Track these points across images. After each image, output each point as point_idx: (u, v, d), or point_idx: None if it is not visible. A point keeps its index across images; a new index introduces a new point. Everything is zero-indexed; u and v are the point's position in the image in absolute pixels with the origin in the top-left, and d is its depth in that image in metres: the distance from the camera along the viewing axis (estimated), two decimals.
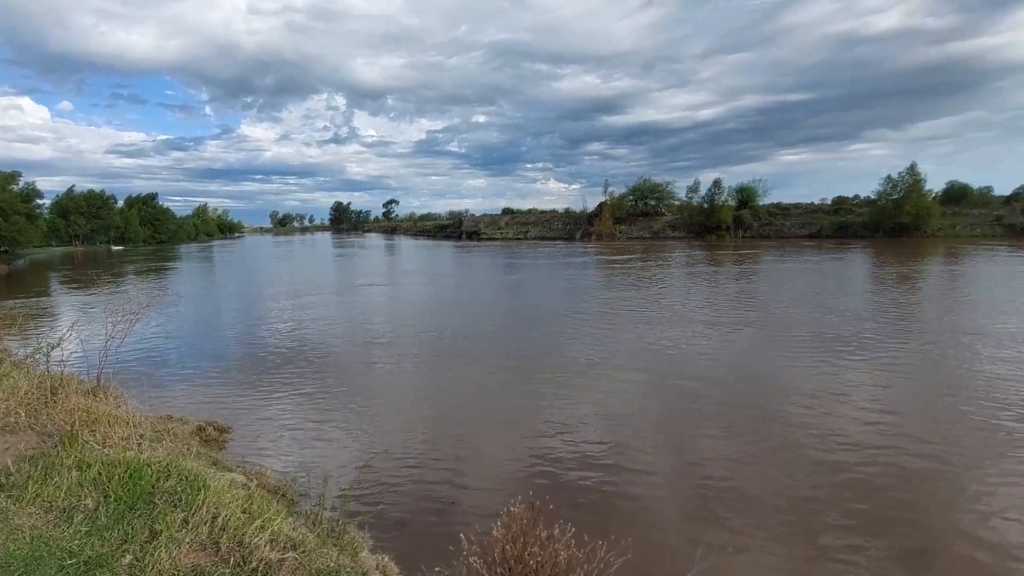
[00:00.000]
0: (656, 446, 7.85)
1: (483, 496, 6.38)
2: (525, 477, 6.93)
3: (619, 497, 6.44)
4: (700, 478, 6.87)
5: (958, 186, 56.96)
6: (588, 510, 6.12)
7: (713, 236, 56.37)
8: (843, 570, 5.08)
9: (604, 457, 7.46)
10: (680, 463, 7.32)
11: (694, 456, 7.48)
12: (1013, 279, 23.53)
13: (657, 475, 6.97)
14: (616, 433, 8.25)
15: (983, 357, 11.60)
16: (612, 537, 3.56)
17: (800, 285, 23.55)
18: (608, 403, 9.56)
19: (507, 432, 8.46)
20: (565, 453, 7.58)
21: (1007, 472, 6.75)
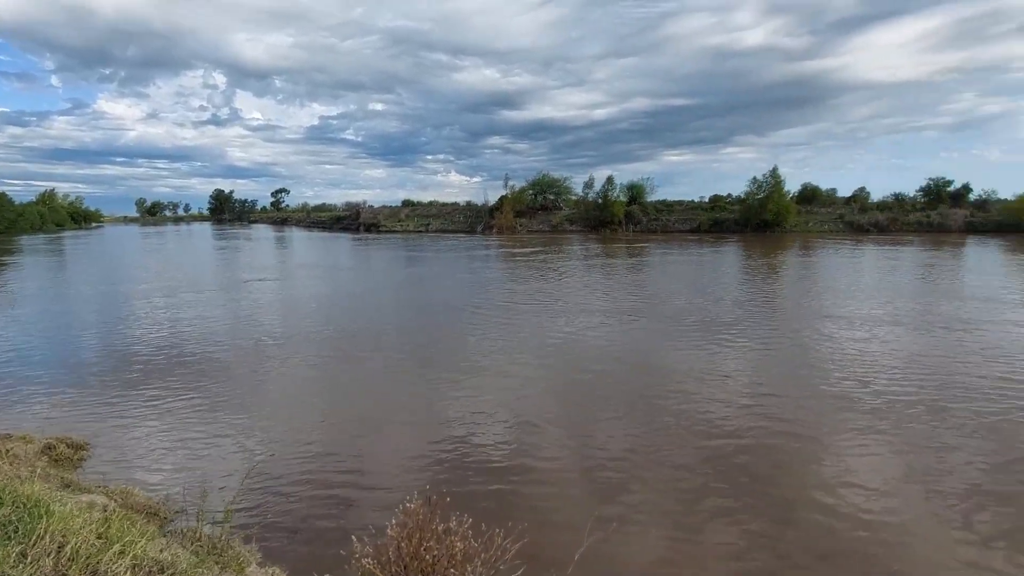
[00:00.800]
0: (556, 433, 8.14)
1: (383, 495, 6.22)
2: (426, 473, 6.87)
3: (519, 484, 6.60)
4: (596, 460, 7.24)
5: (810, 188, 65.08)
6: (488, 499, 6.21)
7: (607, 230, 59.35)
8: (718, 532, 5.61)
9: (505, 447, 7.60)
10: (578, 448, 7.65)
11: (591, 440, 7.86)
12: (856, 268, 27.33)
13: (556, 460, 7.23)
14: (517, 423, 8.43)
15: (838, 337, 13.36)
16: (509, 524, 3.64)
17: (686, 276, 25.60)
18: (510, 394, 9.73)
19: (408, 429, 8.33)
20: (467, 446, 7.62)
21: (854, 436, 7.84)
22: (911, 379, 10.07)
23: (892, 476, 6.70)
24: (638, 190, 64.22)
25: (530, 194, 69.90)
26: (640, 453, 7.38)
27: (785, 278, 24.94)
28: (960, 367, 10.69)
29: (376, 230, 69.80)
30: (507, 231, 61.46)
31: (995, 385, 9.59)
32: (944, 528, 5.64)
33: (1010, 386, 9.52)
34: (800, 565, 5.11)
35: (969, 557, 5.15)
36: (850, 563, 5.11)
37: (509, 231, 61.52)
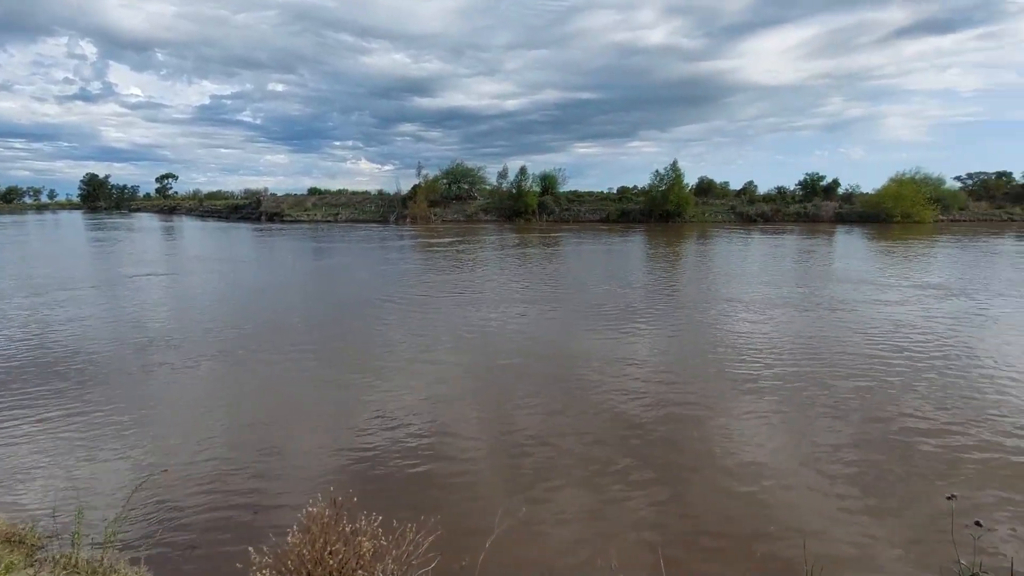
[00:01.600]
0: (472, 424, 8.23)
1: (292, 500, 5.99)
2: (338, 474, 6.69)
3: (434, 477, 6.63)
4: (513, 447, 7.42)
5: (706, 181, 70.05)
6: (403, 495, 6.18)
7: (521, 220, 60.21)
8: (631, 508, 5.99)
9: (422, 441, 7.57)
10: (494, 437, 7.79)
11: (508, 429, 8.02)
12: (749, 255, 29.86)
13: (472, 451, 7.33)
14: (433, 416, 8.42)
15: (737, 319, 14.58)
16: (422, 518, 3.68)
17: (599, 264, 26.64)
18: (426, 388, 9.69)
19: (318, 430, 8.04)
20: (381, 443, 7.50)
21: (750, 409, 8.64)
22: (799, 356, 11.27)
23: (781, 442, 7.50)
24: (551, 181, 65.66)
25: (444, 183, 69.16)
26: (556, 438, 7.67)
27: (688, 265, 26.78)
28: (839, 344, 12.09)
29: (280, 220, 65.81)
30: (422, 221, 60.49)
31: (867, 359, 10.96)
32: (821, 480, 6.41)
33: (879, 360, 10.92)
34: (709, 531, 5.59)
35: (841, 505, 5.92)
36: (750, 521, 5.70)
37: (424, 221, 60.58)
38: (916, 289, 18.67)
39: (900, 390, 9.26)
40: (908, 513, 5.78)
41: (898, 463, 6.86)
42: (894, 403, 8.70)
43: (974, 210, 58.15)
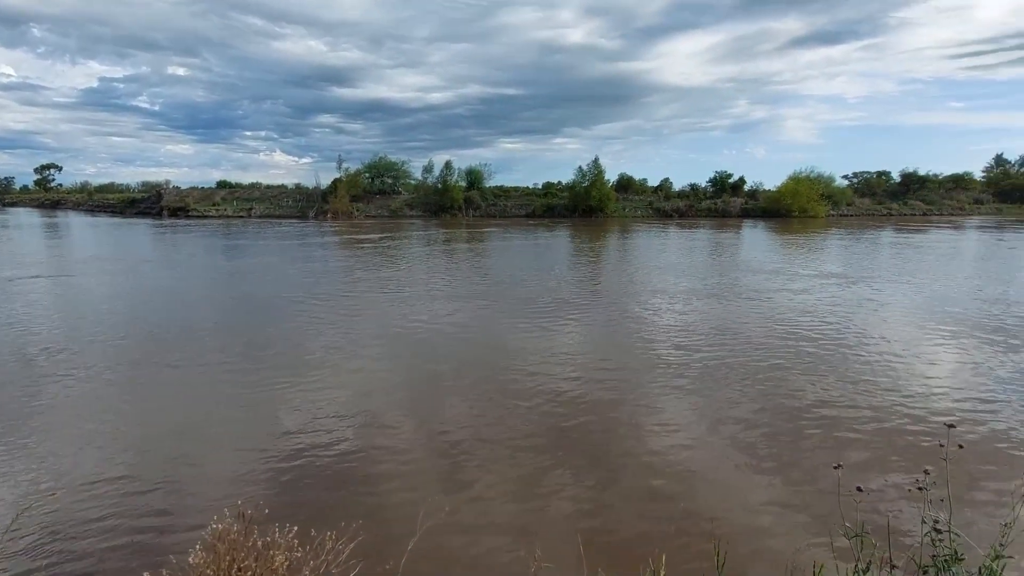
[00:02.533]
0: (399, 424, 8.06)
1: (203, 518, 5.59)
2: (257, 484, 6.33)
3: (360, 482, 6.43)
4: (442, 445, 7.34)
5: (626, 177, 72.75)
6: (324, 502, 5.95)
7: (447, 215, 59.71)
8: (562, 497, 6.11)
9: (346, 445, 7.32)
10: (423, 436, 7.67)
11: (437, 427, 7.93)
12: (668, 248, 31.35)
13: (399, 452, 7.17)
14: (359, 418, 8.17)
15: (662, 310, 15.25)
16: (343, 524, 3.55)
17: (527, 259, 26.91)
18: (352, 388, 9.37)
19: (236, 439, 7.55)
20: (302, 448, 7.18)
21: (675, 394, 9.07)
22: (720, 342, 11.99)
23: (702, 424, 7.95)
24: (476, 176, 65.59)
25: (367, 177, 67.15)
26: (486, 435, 7.67)
27: (614, 259, 27.75)
28: (756, 329, 13.02)
29: (185, 215, 61.05)
30: (343, 216, 58.38)
31: (780, 343, 11.86)
32: (736, 457, 6.87)
33: (790, 344, 11.85)
34: (635, 515, 5.81)
35: (753, 479, 6.36)
36: (676, 496, 6.00)
37: (346, 216, 58.50)
38: (820, 278, 20.49)
39: (806, 371, 10.11)
40: (808, 483, 6.33)
41: (803, 438, 7.50)
42: (801, 383, 9.49)
43: (859, 206, 64.58)
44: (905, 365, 10.40)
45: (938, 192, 68.22)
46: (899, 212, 63.30)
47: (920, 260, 25.91)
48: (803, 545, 5.12)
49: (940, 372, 10.05)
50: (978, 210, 65.63)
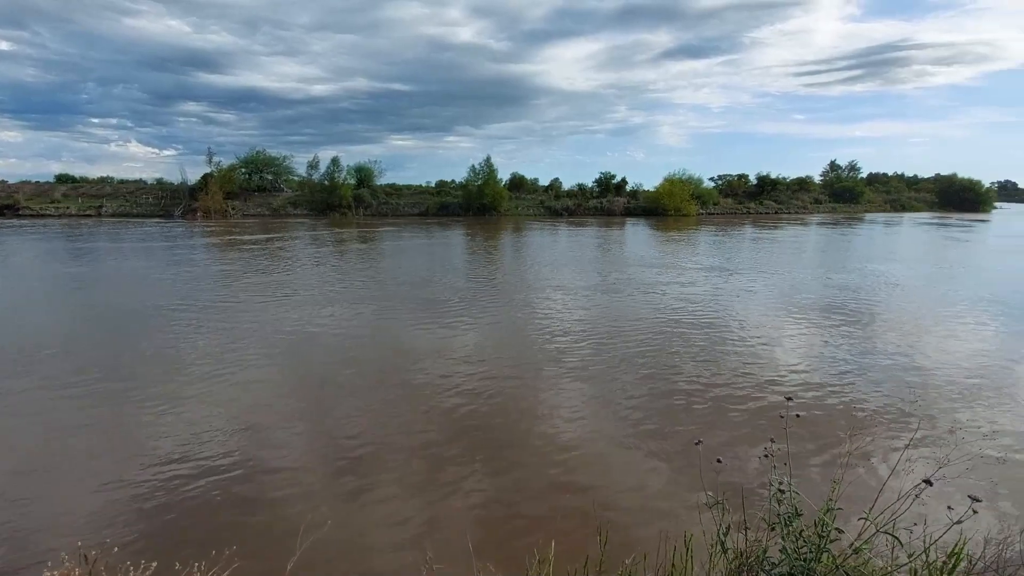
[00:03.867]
0: (288, 436, 7.54)
1: (39, 569, 4.81)
2: (117, 518, 5.58)
3: (235, 504, 5.92)
4: (331, 456, 6.97)
5: (518, 176, 74.41)
6: (194, 531, 5.40)
7: (336, 214, 57.02)
8: (460, 493, 6.06)
9: (224, 467, 6.70)
10: (312, 447, 7.25)
11: (328, 435, 7.53)
12: (560, 245, 32.45)
13: (285, 467, 6.71)
14: (241, 435, 7.52)
15: (558, 305, 15.65)
16: (213, 553, 3.24)
17: (422, 258, 26.40)
18: (237, 404, 8.60)
19: (94, 473, 6.60)
20: (174, 479, 6.45)
21: (563, 382, 9.35)
22: (614, 334, 12.62)
23: (599, 411, 8.31)
24: (366, 173, 63.31)
25: (243, 173, 62.03)
26: (385, 438, 7.43)
27: (509, 256, 28.19)
28: (647, 320, 13.86)
29: (14, 214, 52.26)
30: (217, 216, 53.41)
31: (669, 332, 12.73)
32: (627, 438, 7.27)
33: (679, 332, 12.76)
34: (535, 503, 5.93)
35: (644, 460, 6.77)
36: (573, 483, 6.20)
37: (220, 216, 53.58)
38: (703, 271, 22.45)
39: (693, 358, 10.99)
40: (687, 459, 6.90)
41: (685, 418, 8.15)
42: (687, 369, 10.30)
43: (724, 205, 71.61)
44: (768, 349, 11.71)
45: (786, 193, 77.70)
46: (756, 211, 71.20)
47: (780, 253, 29.43)
48: (681, 516, 5.58)
49: (796, 352, 11.47)
50: (818, 208, 75.75)
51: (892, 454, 6.86)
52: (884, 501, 2.58)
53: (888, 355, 11.20)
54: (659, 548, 3.26)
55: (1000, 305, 16.28)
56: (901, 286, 19.29)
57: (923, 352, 11.42)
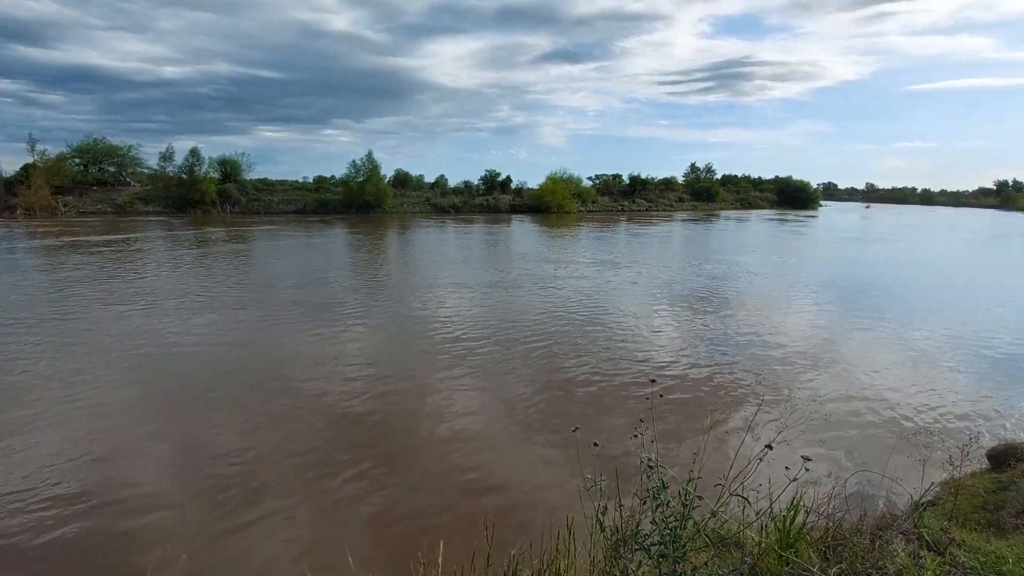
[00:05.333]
0: (146, 463, 6.62)
1: None
2: None
3: (77, 543, 5.09)
4: (197, 481, 6.26)
5: (402, 173, 72.81)
6: None
7: (198, 212, 51.56)
8: (355, 506, 5.72)
9: (65, 499, 5.71)
10: (177, 471, 6.44)
11: (196, 458, 6.74)
12: (449, 242, 32.16)
13: (142, 502, 5.89)
14: (86, 464, 6.46)
15: (448, 303, 15.43)
16: None
17: (301, 259, 24.69)
18: (81, 432, 7.36)
19: None
20: (9, 518, 5.37)
21: (456, 379, 9.22)
22: (506, 328, 12.72)
23: (491, 406, 8.30)
24: (232, 166, 58.03)
25: (77, 164, 53.78)
26: (262, 453, 6.82)
27: (396, 255, 27.40)
28: (538, 314, 14.14)
29: None
30: (44, 213, 45.66)
31: (560, 325, 13.08)
32: (519, 430, 7.34)
33: (570, 324, 13.13)
34: (429, 499, 5.76)
35: (535, 449, 6.88)
36: (466, 479, 6.13)
37: (47, 213, 45.89)
38: (594, 265, 23.58)
39: (580, 348, 11.44)
40: (567, 446, 7.17)
41: (570, 407, 8.46)
42: (574, 361, 10.68)
43: (601, 203, 75.97)
44: (648, 337, 12.58)
45: (655, 192, 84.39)
46: (630, 208, 76.47)
47: (658, 247, 31.96)
48: (565, 501, 5.79)
49: (672, 338, 12.44)
50: (682, 206, 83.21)
51: (744, 424, 7.72)
52: (738, 467, 2.86)
53: (744, 335, 12.60)
54: (543, 535, 3.33)
55: (831, 288, 19.11)
56: (757, 274, 21.87)
57: (772, 331, 13.02)
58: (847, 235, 44.88)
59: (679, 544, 2.49)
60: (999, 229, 58.27)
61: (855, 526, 3.03)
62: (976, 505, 5.20)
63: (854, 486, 5.74)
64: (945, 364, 10.86)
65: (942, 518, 3.81)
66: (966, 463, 6.00)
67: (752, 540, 2.93)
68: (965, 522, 4.30)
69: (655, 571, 2.55)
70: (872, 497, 5.80)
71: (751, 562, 2.76)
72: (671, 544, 2.47)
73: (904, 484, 5.08)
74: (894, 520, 3.14)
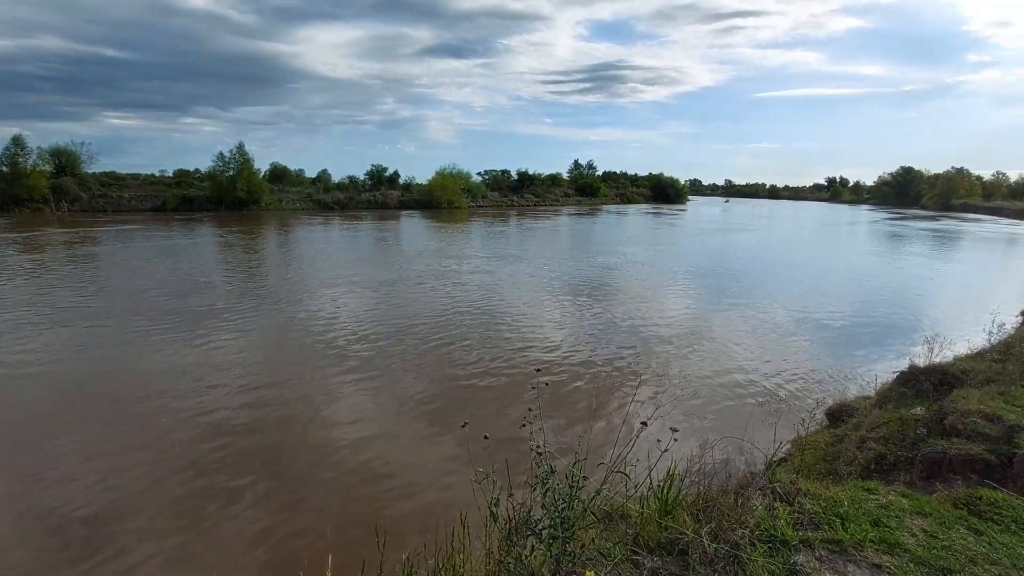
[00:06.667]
0: None
1: None
2: None
3: None
4: (61, 512, 5.34)
5: (279, 167, 68.10)
6: None
7: (25, 210, 44.08)
8: (233, 524, 5.19)
9: None
10: (22, 520, 5.43)
11: (37, 502, 5.73)
12: (335, 241, 30.49)
13: None
14: None
15: (340, 303, 14.60)
16: None
17: (162, 263, 21.93)
18: None
19: None
20: None
21: (349, 384, 8.75)
22: (402, 327, 12.30)
23: (388, 409, 7.97)
24: (70, 158, 50.42)
25: None
26: (127, 481, 5.97)
27: (277, 255, 25.38)
28: (435, 311, 13.86)
29: None
30: None
31: (458, 320, 12.91)
32: (419, 428, 7.14)
33: (468, 319, 12.95)
34: (319, 512, 5.39)
35: (434, 448, 6.73)
36: (358, 486, 5.85)
37: None
38: (494, 259, 23.66)
39: (475, 343, 11.39)
40: (463, 441, 7.15)
41: (468, 401, 8.43)
42: (468, 356, 10.63)
43: (491, 199, 76.88)
44: (541, 328, 12.91)
45: (542, 187, 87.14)
46: (519, 203, 78.23)
47: (552, 241, 33.07)
48: (461, 497, 5.77)
49: (562, 328, 12.87)
50: (567, 201, 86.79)
51: (624, 405, 8.23)
52: (621, 445, 3.01)
53: (628, 321, 13.44)
54: (436, 533, 3.27)
55: (702, 274, 21.01)
56: (642, 263, 23.48)
57: (652, 316, 14.03)
58: (713, 226, 49.71)
59: (568, 525, 2.57)
60: (829, 219, 67.97)
61: (722, 487, 3.34)
62: (818, 457, 6.00)
63: (722, 452, 6.36)
64: (794, 337, 12.44)
65: (791, 472, 4.32)
66: (812, 423, 6.93)
67: (635, 512, 3.11)
68: (809, 473, 4.94)
69: (547, 553, 2.61)
70: (736, 460, 6.47)
71: (634, 532, 2.92)
72: (560, 526, 2.54)
73: (761, 445, 5.72)
74: (753, 479, 3.50)
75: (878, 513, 3.12)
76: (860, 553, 2.75)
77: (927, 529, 3.00)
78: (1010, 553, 2.80)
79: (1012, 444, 4.29)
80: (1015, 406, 4.93)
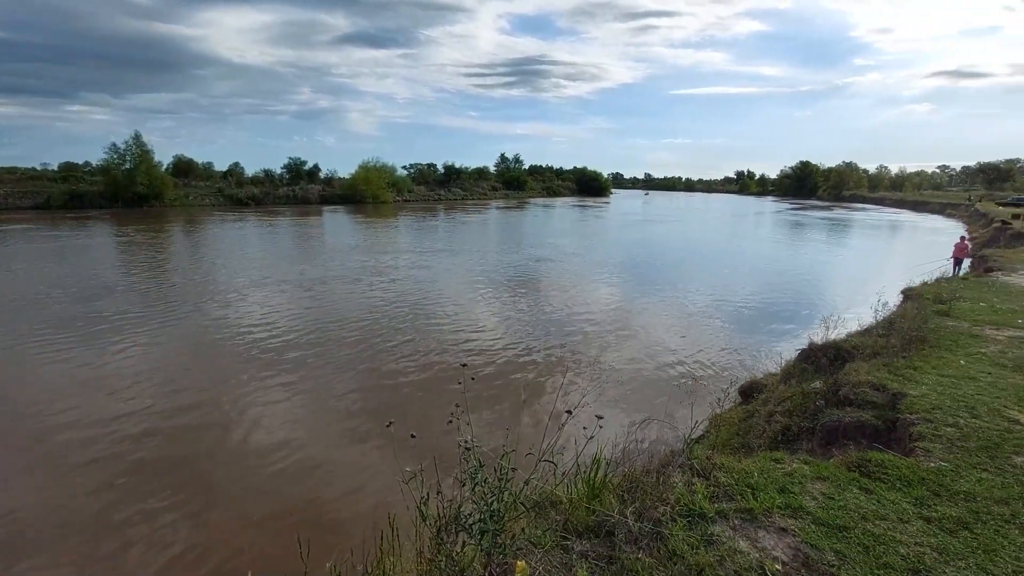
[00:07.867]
0: None
1: None
2: None
3: None
4: None
5: (185, 160, 63.06)
6: None
7: None
8: (144, 546, 4.75)
9: None
10: None
11: None
12: (250, 239, 28.64)
13: None
14: None
15: (262, 304, 13.65)
16: None
17: (56, 268, 19.55)
18: None
19: None
20: None
21: (272, 392, 8.24)
22: (335, 326, 11.78)
23: (312, 415, 7.57)
24: None
25: None
26: (23, 505, 5.30)
27: (192, 254, 23.43)
28: (372, 310, 13.30)
29: None
30: None
31: (392, 317, 12.41)
32: (334, 430, 6.86)
33: (399, 315, 12.56)
34: (240, 528, 5.06)
35: (353, 453, 6.49)
36: (283, 498, 5.51)
37: None
38: (430, 254, 23.24)
39: (412, 339, 11.12)
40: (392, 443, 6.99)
41: (392, 402, 8.21)
42: (398, 352, 10.36)
43: (418, 192, 75.55)
44: (474, 323, 12.83)
45: (470, 181, 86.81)
46: (446, 197, 77.46)
47: (484, 234, 33.05)
48: (390, 499, 5.65)
49: (493, 322, 12.87)
50: (495, 195, 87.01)
51: (552, 396, 8.39)
52: (550, 435, 3.05)
53: (557, 312, 13.69)
54: (365, 537, 3.17)
55: (627, 265, 21.77)
56: (572, 254, 24.08)
57: (580, 306, 14.36)
58: (635, 218, 51.70)
59: (498, 517, 2.57)
60: (739, 209, 72.69)
61: (645, 467, 3.48)
62: (732, 433, 6.41)
63: (646, 433, 6.64)
64: (711, 321, 13.20)
65: (708, 448, 4.59)
66: (727, 400, 7.39)
67: (565, 498, 3.17)
68: (724, 448, 5.27)
69: (477, 548, 2.59)
70: (658, 440, 6.78)
71: (564, 518, 2.97)
72: (490, 519, 2.53)
73: (682, 425, 6.03)
74: (673, 457, 3.68)
75: (784, 481, 3.38)
76: (768, 519, 2.96)
77: (826, 492, 3.28)
78: (896, 508, 3.12)
79: (895, 410, 4.79)
80: (897, 375, 5.50)
